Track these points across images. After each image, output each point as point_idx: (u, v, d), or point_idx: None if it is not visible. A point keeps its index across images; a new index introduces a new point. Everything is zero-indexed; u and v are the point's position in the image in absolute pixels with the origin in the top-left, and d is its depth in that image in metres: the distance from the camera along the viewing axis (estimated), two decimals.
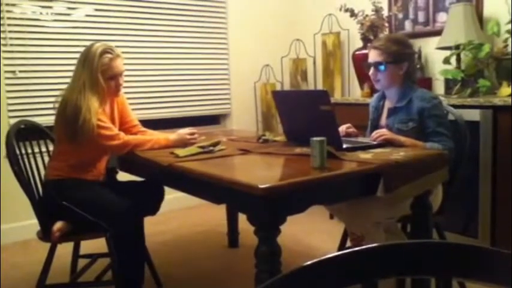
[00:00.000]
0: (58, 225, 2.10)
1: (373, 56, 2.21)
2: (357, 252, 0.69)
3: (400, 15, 3.66)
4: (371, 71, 2.23)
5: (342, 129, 2.29)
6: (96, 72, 2.17)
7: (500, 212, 2.59)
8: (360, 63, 3.67)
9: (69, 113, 2.12)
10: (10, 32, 3.29)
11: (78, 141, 2.12)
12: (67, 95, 2.18)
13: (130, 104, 2.62)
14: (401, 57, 2.17)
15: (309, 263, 0.64)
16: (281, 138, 2.41)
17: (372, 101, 2.43)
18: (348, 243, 2.45)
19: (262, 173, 1.89)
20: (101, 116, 2.17)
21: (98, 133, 2.13)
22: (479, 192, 2.66)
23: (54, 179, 2.21)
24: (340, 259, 0.68)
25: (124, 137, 2.22)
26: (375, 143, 2.10)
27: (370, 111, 2.40)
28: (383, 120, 2.29)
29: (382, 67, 2.18)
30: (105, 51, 2.19)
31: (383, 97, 2.33)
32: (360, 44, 3.74)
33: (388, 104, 2.29)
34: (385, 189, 1.70)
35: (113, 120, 2.34)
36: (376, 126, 2.32)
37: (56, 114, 2.22)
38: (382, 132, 2.12)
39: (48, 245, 2.16)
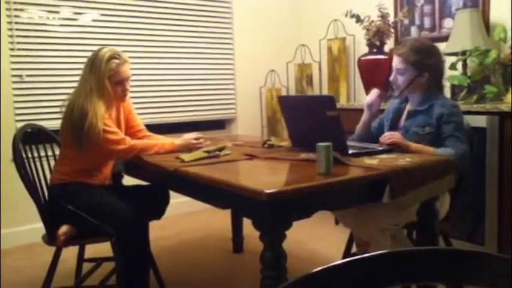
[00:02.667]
0: (63, 229, 2.11)
1: (395, 62, 2.21)
2: (364, 259, 0.68)
3: (406, 21, 3.66)
4: (392, 76, 2.23)
5: (376, 93, 2.28)
6: (103, 78, 2.18)
7: (507, 219, 2.57)
8: (366, 68, 3.67)
9: (76, 117, 2.13)
10: (17, 36, 3.31)
11: (84, 146, 2.13)
12: (74, 99, 2.19)
13: (136, 108, 2.63)
14: (422, 68, 2.14)
15: (316, 269, 0.64)
16: (286, 143, 2.41)
17: (393, 102, 2.41)
18: (354, 249, 2.44)
19: (267, 178, 1.89)
20: (107, 121, 2.18)
21: (104, 138, 2.14)
22: (485, 198, 2.64)
23: (60, 183, 2.22)
24: (348, 266, 0.67)
25: (130, 141, 2.22)
26: (381, 148, 2.09)
27: (388, 110, 2.37)
28: (402, 121, 2.28)
29: (401, 74, 2.19)
30: (112, 57, 2.20)
31: (405, 100, 2.31)
32: (366, 49, 3.73)
33: (409, 107, 2.27)
34: (391, 196, 1.70)
35: (118, 125, 2.35)
36: (394, 127, 2.29)
37: (62, 118, 2.23)
38: (393, 135, 2.10)
39: (52, 249, 2.16)
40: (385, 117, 2.37)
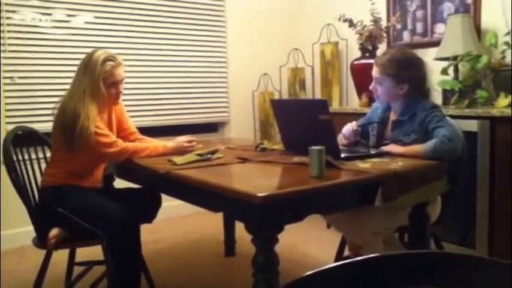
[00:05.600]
0: (54, 232, 2.09)
1: (374, 71, 2.20)
2: (357, 263, 0.68)
3: (399, 26, 3.68)
4: (372, 85, 2.23)
5: (352, 126, 2.27)
6: (98, 79, 2.17)
7: (498, 223, 2.58)
8: (358, 73, 3.68)
9: (68, 120, 2.11)
10: (9, 38, 3.29)
11: (75, 148, 2.11)
12: (66, 101, 2.18)
13: (128, 111, 2.61)
14: (400, 79, 2.13)
15: (308, 273, 0.64)
16: (279, 146, 2.41)
17: (374, 108, 2.40)
18: (346, 253, 2.45)
19: (260, 181, 1.89)
20: (99, 123, 2.17)
21: (96, 140, 2.12)
22: (477, 202, 2.66)
23: (51, 185, 2.20)
24: (340, 269, 0.67)
25: (122, 144, 2.21)
26: (373, 152, 2.10)
27: (372, 118, 2.36)
28: (388, 133, 2.27)
29: (380, 84, 2.19)
30: (107, 59, 2.20)
31: (388, 108, 2.31)
32: (358, 54, 3.75)
33: (392, 117, 2.27)
34: (384, 199, 1.70)
35: (110, 128, 2.34)
36: (380, 138, 2.29)
37: (54, 120, 2.22)
38: (392, 149, 2.11)
39: (43, 252, 2.14)
40: (370, 126, 2.36)
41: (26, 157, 2.32)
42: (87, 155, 2.17)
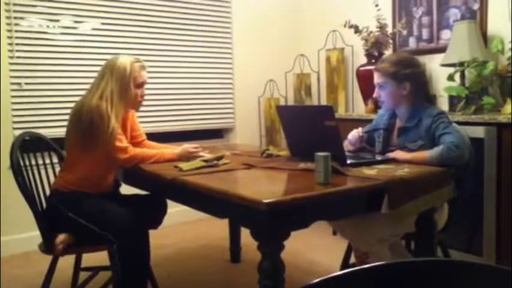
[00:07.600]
0: (61, 237, 2.10)
1: (375, 77, 2.22)
2: (364, 270, 0.68)
3: (405, 32, 3.68)
4: (375, 92, 2.24)
5: (358, 132, 2.28)
6: (129, 80, 2.23)
7: (505, 230, 2.57)
8: (364, 79, 3.68)
9: (94, 120, 2.12)
10: (17, 44, 3.32)
11: (99, 149, 2.13)
12: (88, 103, 2.16)
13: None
14: (401, 78, 2.14)
15: (315, 281, 0.64)
16: (285, 153, 2.41)
17: (380, 114, 2.41)
18: (352, 260, 2.44)
19: (266, 187, 1.89)
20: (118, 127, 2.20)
21: (113, 144, 2.15)
22: (483, 209, 2.64)
23: (62, 190, 2.20)
24: (347, 277, 0.67)
25: (131, 150, 2.22)
26: (379, 158, 2.10)
27: (378, 125, 2.36)
28: (394, 139, 2.27)
29: (383, 89, 2.20)
30: (135, 61, 2.29)
31: (394, 115, 2.31)
32: (364, 60, 3.75)
33: (398, 123, 2.27)
34: (390, 206, 1.69)
35: (125, 134, 2.35)
36: (387, 145, 2.29)
37: (73, 123, 2.21)
38: (398, 155, 2.11)
39: (49, 258, 2.14)
40: (376, 132, 2.36)
41: (33, 162, 2.33)
42: (100, 161, 2.19)
